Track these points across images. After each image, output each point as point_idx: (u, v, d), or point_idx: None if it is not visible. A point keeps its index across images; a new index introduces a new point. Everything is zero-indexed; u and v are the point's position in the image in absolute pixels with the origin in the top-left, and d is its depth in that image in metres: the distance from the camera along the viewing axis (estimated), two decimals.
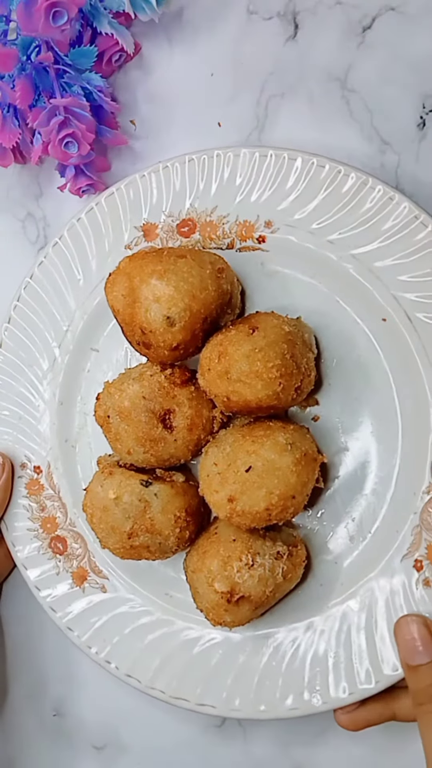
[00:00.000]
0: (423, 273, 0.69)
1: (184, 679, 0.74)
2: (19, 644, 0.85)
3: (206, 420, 0.71)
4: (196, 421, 0.70)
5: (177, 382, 0.71)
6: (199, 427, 0.71)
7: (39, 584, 0.78)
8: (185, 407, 0.70)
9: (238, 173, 0.72)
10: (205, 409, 0.71)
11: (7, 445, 0.80)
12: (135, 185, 0.75)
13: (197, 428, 0.71)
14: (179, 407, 0.70)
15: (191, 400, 0.70)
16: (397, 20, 0.74)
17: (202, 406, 0.71)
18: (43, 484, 0.79)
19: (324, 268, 0.72)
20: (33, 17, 0.68)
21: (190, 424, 0.70)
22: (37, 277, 0.78)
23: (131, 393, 0.70)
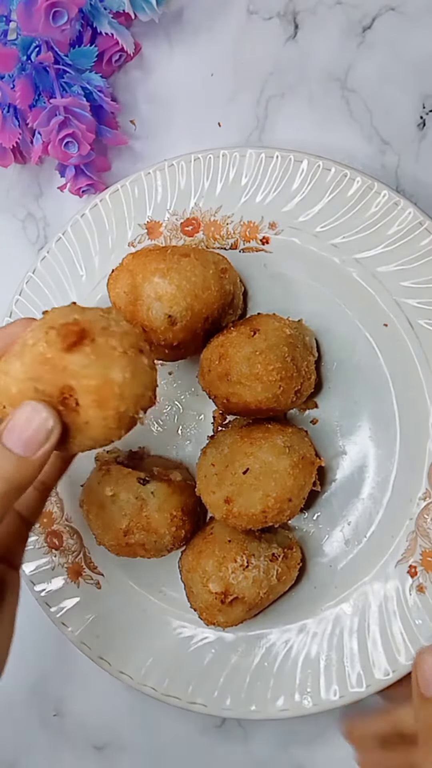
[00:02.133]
0: (426, 279, 0.69)
1: (176, 677, 0.74)
2: (19, 644, 0.86)
3: (122, 387, 0.46)
4: (106, 392, 0.46)
5: (63, 347, 0.46)
6: (110, 398, 0.46)
7: (34, 578, 0.78)
8: (83, 378, 0.46)
9: (244, 173, 0.72)
10: (115, 372, 0.46)
11: None
12: (140, 183, 0.75)
13: (110, 400, 0.46)
14: (77, 380, 0.46)
15: (89, 367, 0.46)
16: (397, 20, 0.74)
17: (107, 368, 0.46)
18: None
19: (327, 272, 0.72)
20: (33, 17, 0.68)
21: (97, 399, 0.46)
22: (39, 272, 0.78)
23: (15, 374, 0.47)
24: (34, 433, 0.44)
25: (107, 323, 0.48)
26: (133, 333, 0.49)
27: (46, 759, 0.86)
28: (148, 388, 0.47)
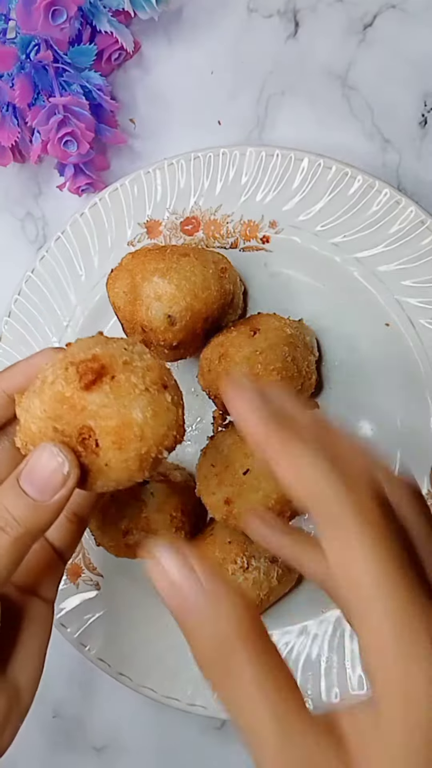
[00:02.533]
0: (427, 278, 0.68)
1: (175, 678, 0.74)
2: None
3: (142, 428, 0.44)
4: (125, 433, 0.44)
5: (82, 386, 0.44)
6: (131, 439, 0.44)
7: None
8: (102, 419, 0.44)
9: (244, 172, 0.72)
10: (136, 412, 0.44)
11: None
12: (139, 182, 0.75)
13: (130, 441, 0.44)
14: (95, 420, 0.44)
15: (108, 407, 0.44)
16: (398, 18, 0.73)
17: (127, 408, 0.44)
18: None
19: (328, 271, 0.72)
20: (32, 16, 0.67)
21: (117, 440, 0.44)
22: (38, 272, 0.78)
23: (34, 412, 0.45)
24: (50, 477, 0.43)
25: (129, 357, 0.46)
26: (157, 367, 0.47)
27: (45, 760, 0.86)
28: (171, 428, 0.45)
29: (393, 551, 0.36)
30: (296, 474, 0.37)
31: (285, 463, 0.38)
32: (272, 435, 0.38)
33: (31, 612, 0.53)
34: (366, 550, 0.35)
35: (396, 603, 0.34)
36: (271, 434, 0.38)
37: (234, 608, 0.37)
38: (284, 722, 0.34)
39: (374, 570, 0.35)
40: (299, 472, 0.37)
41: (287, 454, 0.38)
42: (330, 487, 0.36)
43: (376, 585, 0.35)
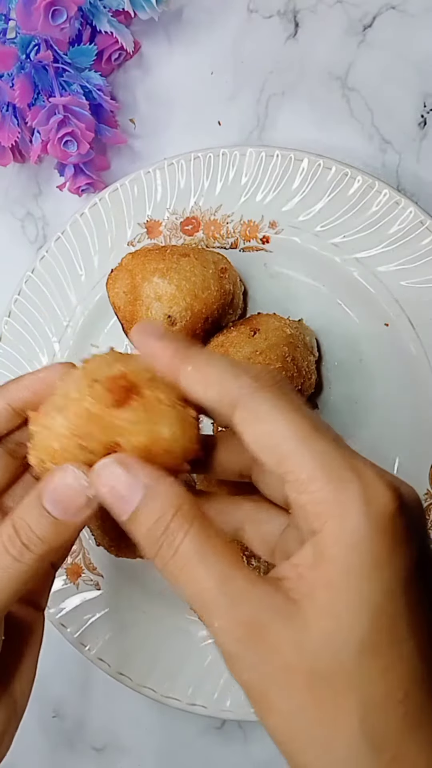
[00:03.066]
0: (427, 278, 0.69)
1: (175, 678, 0.74)
2: None
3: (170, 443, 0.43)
4: (154, 449, 0.43)
5: (111, 403, 0.43)
6: (159, 455, 0.43)
7: None
8: (132, 435, 0.42)
9: (244, 172, 0.72)
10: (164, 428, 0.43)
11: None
12: (139, 182, 0.75)
13: (158, 457, 0.43)
14: (124, 437, 0.42)
15: (138, 424, 0.43)
16: (398, 19, 0.73)
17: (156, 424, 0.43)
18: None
19: (327, 271, 0.72)
20: (32, 16, 0.67)
21: (145, 456, 0.42)
22: (38, 271, 0.78)
23: (57, 430, 0.43)
24: (74, 498, 0.43)
25: (152, 374, 0.46)
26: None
27: (45, 760, 0.86)
28: (194, 441, 0.45)
29: (302, 408, 0.39)
30: (202, 374, 0.41)
31: (191, 369, 0.42)
32: (177, 351, 0.42)
33: (27, 622, 0.53)
34: (275, 412, 0.38)
35: (319, 444, 0.37)
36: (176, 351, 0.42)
37: (169, 494, 0.40)
38: (227, 586, 0.37)
39: (287, 424, 0.38)
40: (204, 371, 0.41)
41: (191, 360, 0.42)
42: (231, 373, 0.40)
43: (295, 435, 0.37)
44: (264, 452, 0.39)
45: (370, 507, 0.35)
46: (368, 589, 0.35)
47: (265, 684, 0.37)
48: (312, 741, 0.36)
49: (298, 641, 0.36)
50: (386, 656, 0.35)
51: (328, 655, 0.35)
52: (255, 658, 0.37)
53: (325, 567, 0.36)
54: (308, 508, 0.37)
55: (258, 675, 0.37)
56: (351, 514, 0.35)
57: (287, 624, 0.36)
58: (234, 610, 0.37)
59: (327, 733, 0.35)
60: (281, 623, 0.36)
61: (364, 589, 0.35)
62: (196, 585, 0.38)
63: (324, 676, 0.35)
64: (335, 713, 0.35)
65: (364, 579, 0.35)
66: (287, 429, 0.38)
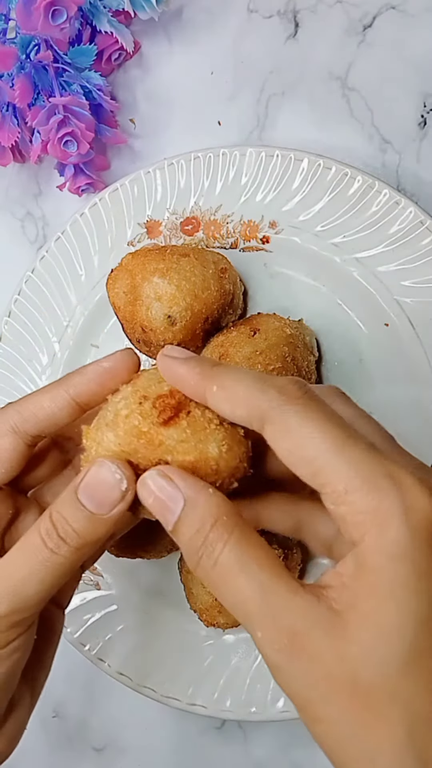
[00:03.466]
0: (427, 279, 0.69)
1: (175, 678, 0.74)
2: None
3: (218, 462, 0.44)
4: (202, 468, 0.44)
5: (160, 421, 0.44)
6: (206, 474, 0.44)
7: None
8: (179, 454, 0.43)
9: (244, 172, 0.72)
10: (212, 447, 0.44)
11: None
12: (139, 182, 0.75)
13: (207, 476, 0.44)
14: (173, 455, 0.44)
15: (186, 442, 0.44)
16: (397, 18, 0.73)
17: (204, 444, 0.44)
18: None
19: (327, 271, 0.72)
20: (32, 16, 0.67)
21: (194, 474, 0.43)
22: (38, 271, 0.78)
23: (107, 446, 0.45)
24: (108, 492, 0.43)
25: None
26: None
27: (45, 760, 0.86)
28: (242, 460, 0.45)
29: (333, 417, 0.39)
30: (228, 393, 0.41)
31: (217, 389, 0.41)
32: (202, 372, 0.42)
33: (52, 620, 0.53)
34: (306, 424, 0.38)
35: (354, 453, 0.37)
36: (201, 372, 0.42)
37: (208, 505, 0.40)
38: (269, 596, 0.37)
39: (319, 436, 0.37)
40: (229, 389, 0.41)
41: (217, 380, 0.41)
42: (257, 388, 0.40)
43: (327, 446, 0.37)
44: (298, 466, 0.38)
45: (410, 515, 0.35)
46: (412, 600, 0.35)
47: (309, 694, 0.36)
48: (357, 752, 0.36)
49: (340, 652, 0.35)
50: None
51: (371, 667, 0.35)
52: (297, 669, 0.36)
53: (366, 578, 0.36)
54: (348, 519, 0.36)
55: (301, 685, 0.37)
56: (390, 523, 0.35)
57: (329, 634, 0.36)
58: (275, 621, 0.37)
59: (372, 746, 0.35)
60: (322, 633, 0.36)
61: (407, 600, 0.35)
62: (238, 595, 0.38)
63: (367, 688, 0.35)
64: (380, 725, 0.35)
65: (407, 590, 0.35)
66: (319, 440, 0.37)
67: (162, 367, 0.44)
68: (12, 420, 0.48)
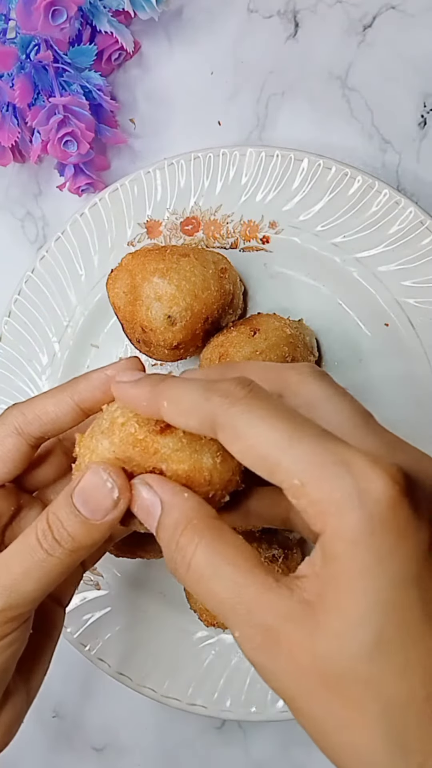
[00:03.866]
0: (427, 279, 0.69)
1: (175, 678, 0.74)
2: None
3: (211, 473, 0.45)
4: (195, 477, 0.44)
5: (156, 430, 0.45)
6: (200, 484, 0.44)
7: None
8: (174, 463, 0.44)
9: (244, 172, 0.72)
10: (206, 457, 0.44)
11: None
12: (139, 182, 0.74)
13: (200, 486, 0.44)
14: (167, 464, 0.44)
15: (181, 451, 0.44)
16: (397, 18, 0.73)
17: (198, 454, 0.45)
18: None
19: (328, 271, 0.72)
20: (32, 16, 0.67)
21: (187, 483, 0.44)
22: (38, 271, 0.78)
23: (102, 453, 0.45)
24: (101, 500, 0.44)
25: None
26: None
27: (45, 760, 0.86)
28: (235, 473, 0.46)
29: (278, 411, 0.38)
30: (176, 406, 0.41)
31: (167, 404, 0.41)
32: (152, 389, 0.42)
33: (51, 618, 0.54)
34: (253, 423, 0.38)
35: (303, 445, 0.36)
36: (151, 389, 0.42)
37: (181, 509, 0.41)
38: (242, 595, 0.37)
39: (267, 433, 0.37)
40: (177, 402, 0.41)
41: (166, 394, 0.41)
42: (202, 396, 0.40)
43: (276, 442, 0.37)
44: (255, 466, 0.38)
45: (363, 499, 0.34)
46: (374, 584, 0.34)
47: (290, 688, 0.36)
48: (340, 742, 0.35)
49: (312, 644, 0.35)
50: (403, 653, 0.34)
51: (341, 658, 0.35)
52: (275, 665, 0.36)
53: (330, 567, 0.35)
54: (309, 511, 0.36)
55: (282, 681, 0.36)
56: (346, 510, 0.35)
57: (301, 627, 0.35)
58: (249, 618, 0.37)
59: (353, 738, 0.35)
60: (294, 626, 0.36)
61: (368, 585, 0.34)
62: (214, 597, 0.38)
63: (339, 679, 0.35)
64: (356, 715, 0.35)
65: (369, 575, 0.34)
66: (267, 438, 0.37)
67: (116, 394, 0.45)
68: (16, 421, 0.49)
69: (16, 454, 0.49)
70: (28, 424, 0.49)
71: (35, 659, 0.52)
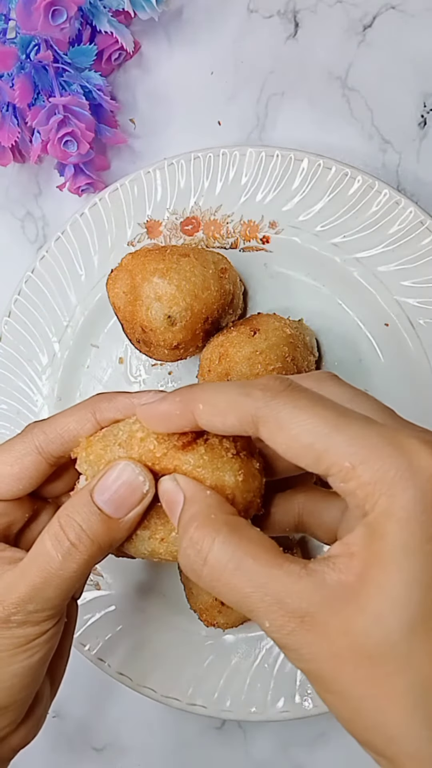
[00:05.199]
0: (427, 279, 0.69)
1: (175, 678, 0.74)
2: None
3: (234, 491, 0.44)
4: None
5: (177, 446, 0.44)
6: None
7: None
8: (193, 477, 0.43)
9: (244, 172, 0.72)
10: (228, 475, 0.44)
11: (4, 439, 0.79)
12: (139, 182, 0.74)
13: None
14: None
15: (202, 468, 0.44)
16: (397, 18, 0.73)
17: (220, 471, 0.44)
18: None
19: (328, 271, 0.72)
20: (32, 16, 0.67)
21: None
22: (38, 272, 0.78)
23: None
24: (129, 494, 0.44)
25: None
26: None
27: (45, 760, 0.86)
28: (256, 495, 0.46)
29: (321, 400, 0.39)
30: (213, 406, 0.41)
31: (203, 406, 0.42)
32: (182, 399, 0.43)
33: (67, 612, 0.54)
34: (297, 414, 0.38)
35: (351, 429, 0.37)
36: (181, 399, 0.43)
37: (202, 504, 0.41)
38: (270, 587, 0.37)
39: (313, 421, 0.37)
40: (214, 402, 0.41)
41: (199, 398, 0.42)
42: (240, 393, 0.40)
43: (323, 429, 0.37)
44: (300, 457, 0.38)
45: (417, 477, 0.35)
46: (418, 563, 0.34)
47: (323, 670, 0.36)
48: (369, 722, 0.36)
49: (348, 624, 0.35)
50: None
51: (379, 635, 0.35)
52: (308, 649, 0.36)
53: (377, 544, 0.35)
54: (358, 493, 0.36)
55: (314, 663, 0.37)
56: (399, 488, 0.35)
57: (337, 609, 0.36)
58: (282, 608, 0.37)
59: (382, 715, 0.35)
60: (330, 610, 0.36)
61: (413, 563, 0.34)
62: (238, 592, 0.38)
63: (375, 656, 0.35)
64: (388, 694, 0.35)
65: (415, 553, 0.34)
66: (313, 425, 0.37)
67: (143, 416, 0.45)
68: (37, 440, 0.49)
69: (34, 473, 0.49)
70: (49, 443, 0.49)
71: (57, 653, 0.52)
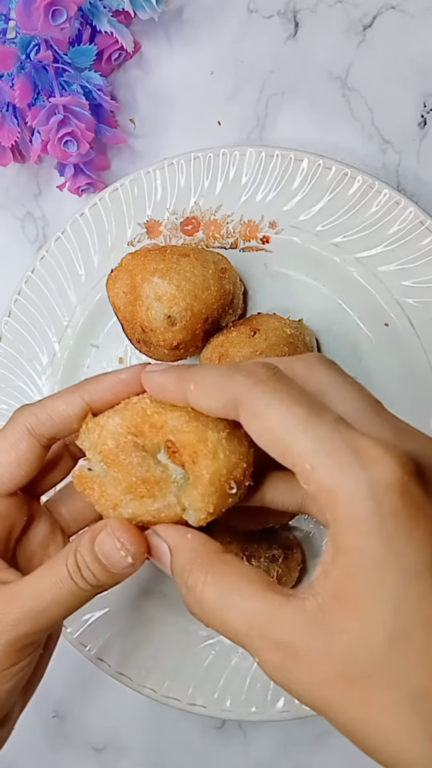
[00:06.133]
0: (427, 279, 0.69)
1: (175, 678, 0.74)
2: None
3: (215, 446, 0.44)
4: (201, 448, 0.44)
5: (167, 405, 0.46)
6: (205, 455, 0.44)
7: None
8: (181, 433, 0.45)
9: (244, 172, 0.72)
10: (211, 431, 0.45)
11: None
12: (139, 182, 0.74)
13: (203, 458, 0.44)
14: (175, 435, 0.45)
15: (189, 423, 0.45)
16: (397, 18, 0.74)
17: (204, 426, 0.45)
18: None
19: (328, 271, 0.72)
20: (32, 16, 0.67)
21: (192, 454, 0.44)
22: (38, 271, 0.77)
23: (112, 428, 0.46)
24: (119, 560, 0.45)
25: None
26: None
27: (45, 760, 0.86)
28: (242, 459, 0.46)
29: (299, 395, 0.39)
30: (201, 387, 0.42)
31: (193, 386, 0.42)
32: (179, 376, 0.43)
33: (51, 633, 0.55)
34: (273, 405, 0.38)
35: (318, 430, 0.37)
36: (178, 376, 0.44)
37: (186, 550, 0.42)
38: (254, 621, 0.37)
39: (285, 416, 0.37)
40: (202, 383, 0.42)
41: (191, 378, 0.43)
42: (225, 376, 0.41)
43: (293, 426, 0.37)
44: (269, 447, 0.38)
45: (375, 489, 0.34)
46: (388, 578, 0.34)
47: (320, 701, 0.36)
48: (372, 740, 0.35)
49: (329, 650, 0.35)
50: (421, 640, 0.34)
51: (360, 656, 0.34)
52: (298, 682, 0.36)
53: (342, 561, 0.35)
54: (318, 497, 0.36)
55: (309, 696, 0.36)
56: (357, 499, 0.34)
57: (315, 635, 0.35)
58: (266, 641, 0.37)
59: (383, 733, 0.35)
60: (309, 638, 0.35)
61: (383, 579, 0.34)
62: (230, 629, 0.38)
63: (361, 677, 0.34)
64: (380, 713, 0.34)
65: (382, 568, 0.34)
66: (284, 420, 0.37)
67: (144, 381, 0.46)
68: (28, 422, 0.49)
69: (31, 456, 0.49)
70: (40, 425, 0.49)
71: (35, 671, 0.53)
